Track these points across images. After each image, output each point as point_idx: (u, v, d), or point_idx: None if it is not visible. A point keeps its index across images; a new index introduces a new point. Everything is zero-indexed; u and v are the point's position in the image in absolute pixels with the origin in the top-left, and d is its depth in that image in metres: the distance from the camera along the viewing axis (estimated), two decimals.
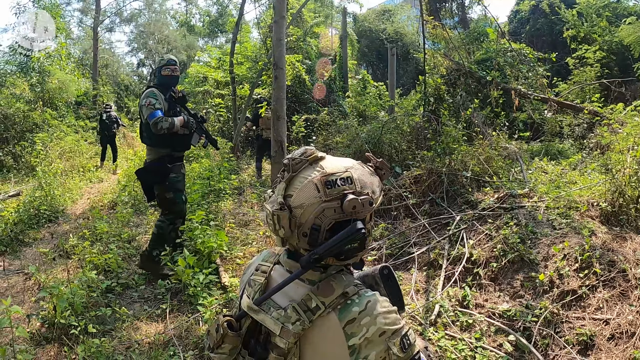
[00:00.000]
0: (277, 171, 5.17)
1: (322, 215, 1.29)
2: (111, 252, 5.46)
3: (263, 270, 1.47)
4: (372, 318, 1.24)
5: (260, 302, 1.38)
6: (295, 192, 1.31)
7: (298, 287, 1.36)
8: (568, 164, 7.47)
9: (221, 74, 16.75)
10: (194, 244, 5.28)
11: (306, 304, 1.29)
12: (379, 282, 1.48)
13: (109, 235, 6.37)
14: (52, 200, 8.29)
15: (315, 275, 1.36)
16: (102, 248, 5.74)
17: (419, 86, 16.03)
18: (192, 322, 4.25)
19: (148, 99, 4.90)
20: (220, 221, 6.75)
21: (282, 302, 1.35)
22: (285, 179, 1.34)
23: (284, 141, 5.14)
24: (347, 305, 1.27)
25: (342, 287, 1.30)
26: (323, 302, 1.28)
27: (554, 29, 17.82)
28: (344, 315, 1.25)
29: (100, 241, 6.06)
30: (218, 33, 35.81)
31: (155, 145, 5.09)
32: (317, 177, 1.31)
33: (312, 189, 1.30)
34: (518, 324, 4.20)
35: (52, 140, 12.37)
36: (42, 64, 15.65)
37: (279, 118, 5.21)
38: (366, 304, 1.27)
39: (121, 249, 5.96)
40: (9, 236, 6.64)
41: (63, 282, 4.71)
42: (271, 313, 1.34)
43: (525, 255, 4.84)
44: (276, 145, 5.11)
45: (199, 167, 9.46)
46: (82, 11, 31.08)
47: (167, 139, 5.01)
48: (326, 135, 13.07)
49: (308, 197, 1.30)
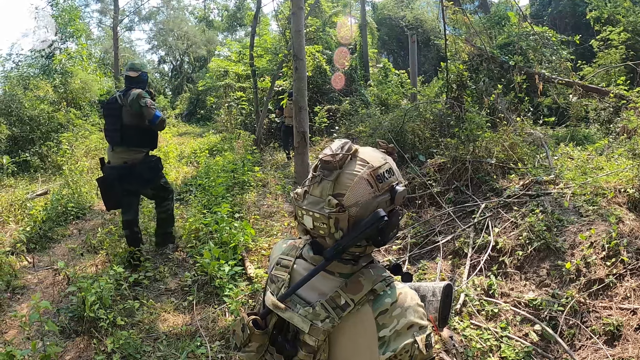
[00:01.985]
0: (301, 162, 5.16)
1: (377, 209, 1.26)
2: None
3: (285, 265, 1.45)
4: (403, 310, 1.24)
5: (285, 298, 1.36)
6: (347, 190, 1.27)
7: (326, 280, 1.34)
8: (594, 150, 7.28)
9: (242, 67, 16.76)
10: (220, 237, 5.29)
11: (335, 300, 1.27)
12: (438, 294, 1.43)
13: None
14: (79, 197, 8.39)
15: (346, 268, 1.34)
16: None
17: (440, 73, 15.86)
18: (218, 313, 4.27)
19: (146, 99, 5.00)
20: (244, 213, 6.76)
21: (310, 297, 1.33)
22: (332, 177, 1.29)
23: (306, 132, 5.10)
24: (380, 296, 1.26)
25: (371, 282, 1.28)
26: (352, 299, 1.26)
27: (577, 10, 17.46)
28: (377, 306, 1.24)
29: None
30: (237, 27, 35.80)
31: (139, 144, 5.20)
32: (366, 172, 1.29)
33: (365, 185, 1.28)
34: (544, 313, 4.16)
35: (77, 139, 12.51)
36: (64, 66, 15.83)
37: (300, 109, 5.15)
38: (398, 295, 1.26)
39: (147, 242, 6.01)
40: (37, 234, 6.74)
41: (91, 276, 4.77)
42: (298, 310, 1.32)
43: (552, 243, 4.77)
44: (298, 136, 5.06)
45: (223, 160, 9.48)
46: (101, 12, 31.35)
47: (154, 136, 5.29)
48: (349, 125, 13.02)
49: (363, 194, 1.27)
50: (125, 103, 5.05)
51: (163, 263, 5.56)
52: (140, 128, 5.10)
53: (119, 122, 5.09)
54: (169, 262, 5.58)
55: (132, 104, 4.99)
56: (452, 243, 5.76)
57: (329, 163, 1.29)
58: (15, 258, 5.92)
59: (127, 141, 5.12)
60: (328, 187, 1.28)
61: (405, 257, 5.63)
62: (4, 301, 4.92)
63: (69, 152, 9.80)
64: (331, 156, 1.29)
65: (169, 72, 35.09)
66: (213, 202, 7.07)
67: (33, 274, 5.74)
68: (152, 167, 5.31)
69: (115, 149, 5.19)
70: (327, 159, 1.29)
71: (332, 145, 1.34)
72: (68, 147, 10.00)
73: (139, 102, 4.97)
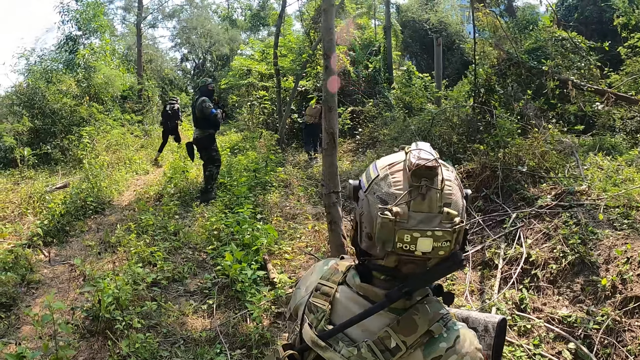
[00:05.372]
0: (329, 163, 4.91)
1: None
2: (157, 245, 5.33)
3: (325, 293, 1.24)
4: (459, 357, 1.09)
5: (328, 338, 1.16)
6: (450, 199, 1.10)
7: (375, 316, 1.13)
8: (624, 160, 6.98)
9: (265, 66, 16.60)
10: (242, 238, 5.09)
11: (384, 342, 1.09)
12: (492, 330, 1.29)
13: (154, 227, 6.27)
14: (99, 192, 8.28)
15: (399, 303, 1.13)
16: (148, 240, 5.62)
17: (466, 77, 15.55)
18: (239, 319, 4.07)
19: (207, 102, 8.13)
20: (267, 214, 6.56)
21: (355, 335, 1.14)
22: (438, 185, 1.09)
23: (335, 133, 4.84)
24: (434, 340, 1.09)
25: (427, 322, 1.10)
26: (404, 341, 1.08)
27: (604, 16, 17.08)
28: (429, 351, 1.08)
29: (146, 233, 5.94)
30: (260, 27, 35.77)
31: (205, 127, 8.30)
32: (454, 175, 1.15)
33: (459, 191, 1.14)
34: (578, 331, 3.94)
35: (99, 133, 12.47)
36: (88, 60, 15.84)
37: (330, 109, 4.89)
38: (455, 340, 1.10)
39: (167, 241, 5.84)
40: (55, 227, 6.61)
41: (108, 274, 4.60)
42: (341, 349, 1.13)
43: (586, 257, 4.51)
44: (328, 137, 4.81)
45: (245, 159, 9.31)
46: (125, 9, 31.51)
47: (213, 123, 8.31)
48: (372, 127, 12.80)
49: (460, 201, 1.13)
50: (196, 105, 8.21)
51: (182, 263, 5.37)
52: (204, 118, 8.17)
53: (195, 116, 8.36)
54: (188, 262, 5.38)
55: (199, 106, 8.11)
56: (482, 253, 5.52)
57: (433, 169, 1.09)
58: (31, 251, 5.79)
59: (199, 125, 8.33)
60: (437, 197, 1.08)
61: None
62: (18, 296, 4.78)
63: (90, 146, 9.70)
64: (432, 161, 1.09)
65: (192, 70, 35.16)
66: (235, 202, 6.89)
67: (49, 268, 5.60)
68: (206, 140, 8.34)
69: (195, 129, 8.54)
70: (431, 165, 1.09)
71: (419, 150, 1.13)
72: (89, 141, 9.90)
73: (202, 105, 8.07)
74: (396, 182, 1.12)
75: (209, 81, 8.75)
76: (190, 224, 6.83)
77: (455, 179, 1.14)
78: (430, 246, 1.06)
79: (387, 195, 1.11)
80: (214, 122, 8.32)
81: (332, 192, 4.68)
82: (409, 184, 1.09)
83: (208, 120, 8.23)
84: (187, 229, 6.55)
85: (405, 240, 1.06)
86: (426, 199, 1.07)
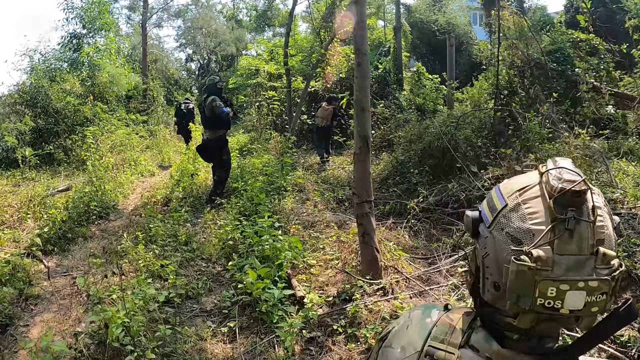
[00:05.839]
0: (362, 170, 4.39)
1: None
2: (167, 256, 4.84)
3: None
4: None
5: None
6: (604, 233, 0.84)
7: None
8: None
9: (274, 65, 16.14)
10: (262, 250, 4.58)
11: None
12: None
13: (164, 236, 5.78)
14: (103, 195, 7.81)
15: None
16: (158, 251, 5.12)
17: (476, 81, 15.14)
18: (266, 345, 3.56)
19: (217, 101, 7.65)
20: (284, 222, 6.07)
21: None
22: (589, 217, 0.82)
23: (369, 136, 4.36)
24: None
25: None
26: None
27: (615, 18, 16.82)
28: None
29: (155, 243, 5.44)
30: (265, 27, 35.49)
31: (216, 128, 7.86)
32: (604, 201, 0.88)
33: (611, 222, 0.87)
34: (632, 351, 3.56)
35: (103, 133, 12.05)
36: (92, 59, 15.42)
37: (363, 110, 4.40)
38: None
39: (178, 252, 5.34)
40: (57, 234, 6.13)
41: (115, 290, 4.11)
42: None
43: (633, 271, 4.11)
44: (360, 141, 4.32)
45: (259, 162, 8.82)
46: (130, 8, 31.26)
47: (225, 122, 7.91)
48: (385, 129, 12.35)
49: (614, 237, 0.87)
50: (205, 105, 7.77)
51: (196, 277, 4.87)
52: (215, 118, 7.72)
53: (204, 116, 7.92)
54: (202, 276, 4.88)
55: (208, 105, 7.69)
56: None
57: (582, 194, 0.83)
58: (30, 261, 5.31)
59: (209, 126, 7.88)
60: (588, 233, 0.81)
61: None
62: (16, 314, 4.30)
63: (93, 147, 9.25)
64: (580, 183, 0.82)
65: (196, 71, 34.88)
66: (250, 209, 6.39)
67: (49, 281, 5.12)
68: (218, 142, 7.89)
69: (204, 131, 8.09)
70: (579, 189, 0.82)
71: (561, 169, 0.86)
72: (93, 142, 9.47)
73: (212, 104, 7.62)
74: (532, 214, 0.85)
75: (217, 79, 8.24)
76: (201, 231, 6.34)
77: (604, 204, 0.87)
78: (582, 302, 0.81)
79: (521, 232, 0.85)
80: (225, 121, 7.90)
81: (364, 201, 4.18)
82: (551, 215, 0.83)
83: (219, 120, 7.76)
84: (198, 236, 6.07)
85: (550, 294, 0.81)
86: (575, 236, 0.81)
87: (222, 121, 7.83)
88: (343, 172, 9.93)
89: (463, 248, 5.74)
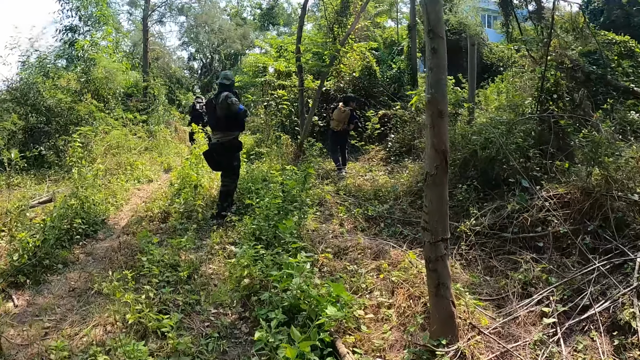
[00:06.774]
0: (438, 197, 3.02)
1: None
2: (165, 302, 3.67)
3: None
4: None
5: None
6: None
7: None
8: None
9: (284, 63, 14.97)
10: (293, 299, 3.39)
11: None
12: None
13: (160, 266, 4.60)
14: (90, 208, 6.64)
15: None
16: (152, 294, 3.91)
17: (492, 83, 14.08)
18: None
19: (232, 98, 6.73)
20: (310, 248, 4.91)
21: None
22: None
23: (447, 151, 2.91)
24: None
25: None
26: None
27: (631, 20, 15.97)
28: None
29: (149, 282, 4.22)
30: (269, 26, 34.53)
31: (229, 129, 6.93)
32: None
33: None
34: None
35: (97, 134, 10.90)
36: (87, 52, 14.26)
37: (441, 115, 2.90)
38: None
39: (179, 293, 4.16)
40: (30, 262, 4.95)
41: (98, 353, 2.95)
42: None
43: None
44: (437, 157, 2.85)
45: (279, 173, 7.62)
46: (131, 3, 30.24)
47: (240, 122, 7.08)
48: (406, 133, 11.25)
49: None
50: (217, 102, 6.82)
51: (204, 330, 3.68)
52: (230, 117, 6.81)
53: (214, 115, 6.94)
54: (211, 330, 3.70)
55: (222, 103, 6.72)
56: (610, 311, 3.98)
57: None
58: None
59: (221, 127, 6.91)
60: None
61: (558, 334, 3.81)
62: None
63: (80, 151, 8.11)
64: None
65: (199, 70, 33.87)
66: (267, 232, 5.22)
67: (18, 328, 3.97)
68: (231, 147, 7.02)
69: (213, 133, 7.11)
70: None
71: None
72: (81, 144, 8.32)
73: (227, 101, 6.67)
74: None
75: (229, 74, 7.20)
76: (207, 259, 5.15)
77: None
78: None
79: None
80: (242, 121, 7.07)
81: (440, 239, 2.97)
82: None
83: (235, 119, 6.87)
84: (204, 268, 4.89)
85: None
86: None
87: (239, 121, 6.98)
88: (365, 181, 8.76)
89: (535, 286, 4.60)
